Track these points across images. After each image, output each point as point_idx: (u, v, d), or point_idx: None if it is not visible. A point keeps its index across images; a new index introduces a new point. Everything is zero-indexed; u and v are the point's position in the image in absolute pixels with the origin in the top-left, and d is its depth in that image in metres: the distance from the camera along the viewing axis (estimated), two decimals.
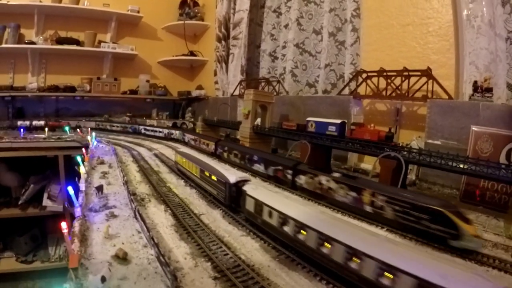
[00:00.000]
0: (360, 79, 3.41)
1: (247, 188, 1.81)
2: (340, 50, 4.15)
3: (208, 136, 3.94)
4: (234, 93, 5.10)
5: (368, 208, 1.84)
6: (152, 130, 4.66)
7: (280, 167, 2.58)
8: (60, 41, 6.10)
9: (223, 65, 5.71)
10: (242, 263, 1.32)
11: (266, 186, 2.52)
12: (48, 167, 4.87)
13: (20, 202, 4.61)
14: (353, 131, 2.78)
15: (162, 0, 7.15)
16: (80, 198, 1.84)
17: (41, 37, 6.04)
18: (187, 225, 1.66)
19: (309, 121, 3.13)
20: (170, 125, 5.36)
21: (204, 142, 3.77)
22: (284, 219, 1.47)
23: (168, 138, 4.54)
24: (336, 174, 2.13)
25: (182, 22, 6.75)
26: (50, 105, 6.26)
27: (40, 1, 5.90)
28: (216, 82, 5.96)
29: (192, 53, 6.93)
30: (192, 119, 5.22)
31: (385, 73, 3.16)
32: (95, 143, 3.67)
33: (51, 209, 4.51)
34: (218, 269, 1.28)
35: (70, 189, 1.66)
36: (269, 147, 3.76)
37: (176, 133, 4.49)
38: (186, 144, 4.24)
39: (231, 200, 1.90)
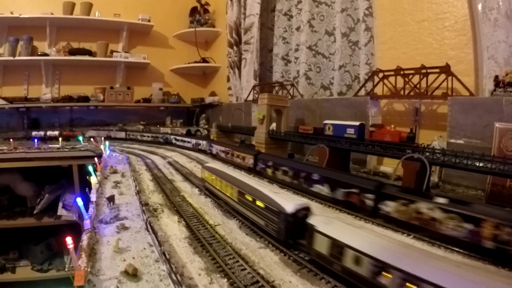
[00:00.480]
0: (376, 79, 3.27)
1: (315, 222, 1.37)
2: (354, 50, 4.04)
3: (243, 148, 3.57)
4: (248, 98, 5.00)
5: (488, 244, 1.40)
6: (181, 140, 4.48)
7: (355, 190, 1.98)
8: (73, 52, 6.12)
9: (236, 70, 5.63)
10: (261, 279, 1.20)
11: (341, 218, 1.90)
12: (62, 176, 4.86)
13: (35, 212, 4.61)
14: (372, 133, 2.65)
15: (172, 8, 7.11)
16: (90, 210, 1.75)
17: (54, 49, 6.07)
18: (202, 237, 1.55)
19: (326, 124, 3.01)
20: (184, 132, 5.28)
21: (238, 155, 3.17)
22: (381, 267, 1.06)
23: (196, 149, 4.18)
24: (441, 200, 1.62)
25: (193, 29, 6.71)
26: (65, 116, 6.28)
27: (52, 14, 5.92)
28: (229, 88, 5.88)
29: (204, 60, 6.88)
30: (207, 126, 5.13)
31: (402, 72, 3.02)
32: (108, 152, 3.59)
33: (66, 219, 4.48)
34: (235, 286, 1.17)
35: (79, 201, 1.56)
36: (285, 152, 3.65)
37: (203, 144, 4.02)
38: (214, 156, 3.69)
39: (288, 235, 1.46)
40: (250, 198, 1.72)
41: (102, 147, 3.74)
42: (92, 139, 4.76)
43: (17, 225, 4.51)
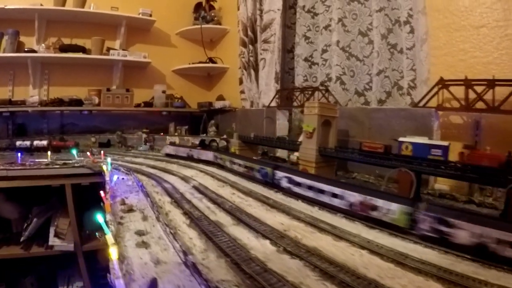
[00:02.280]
0: (435, 89, 2.63)
1: None
2: (392, 54, 3.33)
3: None
4: (271, 104, 4.13)
5: None
6: (308, 187, 2.09)
7: None
8: (64, 48, 5.13)
9: (252, 72, 4.75)
10: None
11: None
12: (53, 194, 3.88)
13: (22, 239, 3.61)
14: (464, 154, 2.09)
15: (174, 3, 6.18)
16: None
17: (42, 45, 5.07)
18: None
19: (403, 142, 2.31)
20: (197, 143, 4.34)
21: None
22: None
23: (348, 211, 1.84)
24: None
25: (198, 26, 5.78)
26: (54, 121, 5.27)
27: (41, 5, 4.93)
28: (242, 92, 4.99)
29: (211, 60, 5.96)
30: (225, 136, 4.22)
31: (472, 83, 2.41)
32: (116, 178, 2.58)
33: (60, 249, 3.53)
34: None
35: None
36: (333, 171, 2.83)
37: (391, 211, 1.61)
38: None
39: None
40: None
41: (104, 167, 2.81)
42: (88, 153, 3.78)
43: (1, 256, 3.51)
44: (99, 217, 1.46)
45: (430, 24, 2.89)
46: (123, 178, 2.70)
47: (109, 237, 1.37)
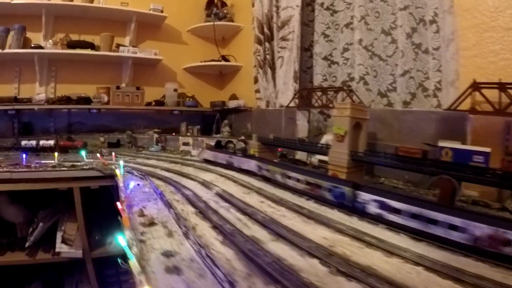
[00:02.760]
0: (469, 91, 2.43)
1: None
2: (417, 54, 3.09)
3: None
4: (290, 104, 3.88)
5: None
6: (409, 215, 1.55)
7: None
8: (72, 45, 4.88)
9: (268, 70, 4.51)
10: None
11: None
12: (60, 196, 3.65)
13: (27, 244, 3.38)
14: (505, 161, 1.99)
15: (186, 0, 5.94)
16: None
17: (50, 41, 4.83)
18: None
19: (443, 147, 2.16)
20: (212, 144, 4.10)
21: None
22: None
23: (468, 247, 1.36)
24: None
25: (210, 23, 5.54)
26: (61, 119, 5.02)
27: (49, 0, 4.69)
28: (258, 91, 4.74)
29: (224, 58, 5.71)
30: (243, 137, 3.95)
31: (507, 86, 2.24)
32: (132, 185, 2.35)
33: (68, 256, 3.30)
34: None
35: None
36: (363, 175, 2.61)
37: None
38: None
39: None
40: None
41: (117, 171, 2.58)
42: (98, 154, 3.55)
43: (5, 262, 3.30)
44: (121, 240, 1.23)
45: (458, 24, 2.69)
46: (138, 184, 2.47)
47: (134, 264, 1.14)
